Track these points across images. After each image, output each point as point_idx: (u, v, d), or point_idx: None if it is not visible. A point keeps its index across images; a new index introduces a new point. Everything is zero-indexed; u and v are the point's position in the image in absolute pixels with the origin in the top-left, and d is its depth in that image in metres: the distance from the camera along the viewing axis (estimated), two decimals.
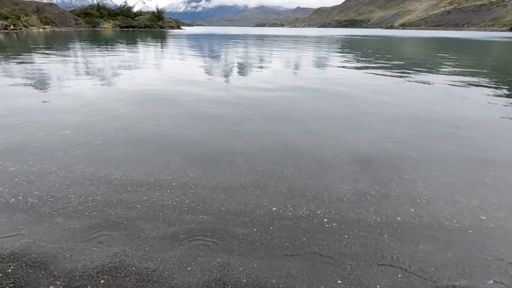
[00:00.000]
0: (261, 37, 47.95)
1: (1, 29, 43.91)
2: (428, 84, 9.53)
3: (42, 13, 58.03)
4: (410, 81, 10.02)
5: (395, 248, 2.43)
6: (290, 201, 3.05)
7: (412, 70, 12.70)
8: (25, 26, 49.13)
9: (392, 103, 6.97)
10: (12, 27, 45.85)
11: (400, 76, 10.88)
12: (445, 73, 11.97)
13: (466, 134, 5.01)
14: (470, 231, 2.64)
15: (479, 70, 13.17)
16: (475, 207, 2.99)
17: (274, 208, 2.92)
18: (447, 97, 7.79)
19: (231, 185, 3.31)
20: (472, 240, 2.53)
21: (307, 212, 2.86)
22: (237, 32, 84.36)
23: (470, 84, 9.64)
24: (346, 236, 2.55)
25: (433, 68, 13.57)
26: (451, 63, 15.30)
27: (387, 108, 6.58)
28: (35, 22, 52.32)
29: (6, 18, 46.18)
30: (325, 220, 2.76)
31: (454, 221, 2.77)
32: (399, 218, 2.79)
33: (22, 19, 49.38)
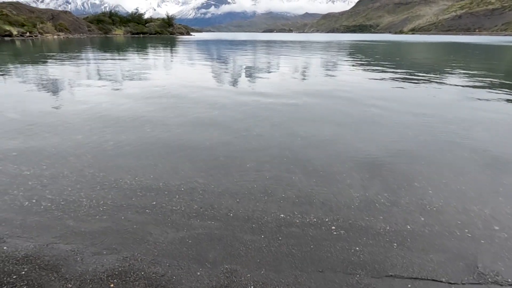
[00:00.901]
0: (269, 43, 48.26)
1: (18, 36, 45.42)
2: (439, 89, 9.40)
3: (56, 20, 59.83)
4: (420, 86, 9.91)
5: (405, 257, 2.39)
6: (297, 207, 3.04)
7: (422, 75, 12.56)
8: (40, 33, 50.69)
9: (401, 109, 6.90)
10: (28, 34, 47.37)
11: (410, 82, 10.78)
12: (456, 78, 11.80)
13: (478, 141, 4.91)
14: (482, 241, 2.58)
15: (492, 75, 12.93)
16: (488, 216, 2.93)
17: (282, 215, 2.91)
18: (459, 103, 7.67)
19: (239, 191, 3.33)
20: (485, 251, 2.47)
21: (315, 219, 2.85)
22: (245, 37, 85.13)
23: (482, 89, 9.48)
24: (355, 244, 2.52)
25: (444, 73, 13.40)
26: (462, 68, 15.08)
27: (396, 114, 6.52)
28: (50, 29, 53.94)
29: (23, 25, 47.77)
30: (333, 227, 2.74)
31: (466, 230, 2.71)
32: (408, 227, 2.75)
33: (37, 26, 50.98)
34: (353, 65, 16.49)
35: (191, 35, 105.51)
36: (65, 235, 2.57)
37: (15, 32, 45.28)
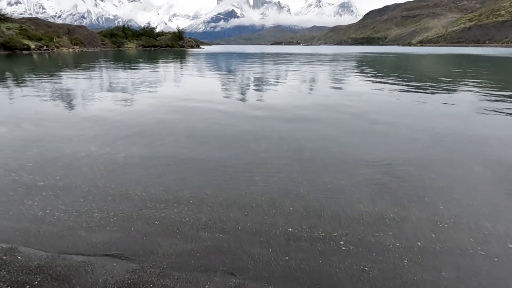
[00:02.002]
0: (277, 55, 48.92)
1: (35, 50, 47.29)
2: (449, 102, 9.33)
3: (72, 34, 62.20)
4: (429, 99, 9.85)
5: (416, 274, 2.35)
6: (306, 221, 3.04)
7: (432, 88, 12.49)
8: (57, 47, 52.70)
9: (411, 122, 6.86)
10: (44, 47, 49.29)
11: (419, 94, 10.72)
12: (467, 91, 11.69)
13: (490, 155, 4.83)
14: (496, 260, 2.51)
15: (503, 88, 12.77)
16: (502, 233, 2.86)
17: (290, 229, 2.91)
18: (470, 116, 7.59)
19: (247, 204, 3.34)
20: (499, 269, 2.41)
21: (323, 234, 2.84)
22: (254, 50, 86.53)
23: (494, 102, 9.35)
24: (364, 260, 2.49)
25: (454, 85, 13.30)
26: (473, 80, 14.93)
27: (405, 126, 6.48)
28: (66, 43, 56.05)
29: (40, 39, 49.81)
30: (342, 242, 2.72)
31: (479, 248, 2.65)
32: (419, 243, 2.70)
33: (54, 40, 53.06)
34: (361, 78, 16.53)
35: (200, 48, 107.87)
36: (77, 245, 2.62)
37: (32, 46, 47.19)
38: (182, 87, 12.60)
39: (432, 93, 11.08)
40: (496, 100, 9.64)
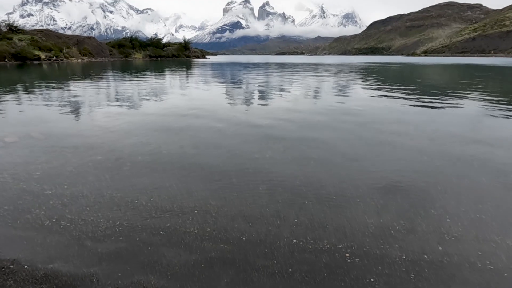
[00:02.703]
0: (281, 65, 49.38)
1: (45, 60, 48.45)
2: (455, 113, 9.29)
3: (81, 45, 63.68)
4: (435, 109, 9.82)
5: None
6: (311, 233, 3.02)
7: (437, 98, 12.46)
8: (66, 57, 53.92)
9: (416, 132, 6.84)
10: (54, 58, 50.46)
11: (425, 104, 10.70)
12: (473, 101, 11.63)
13: (498, 166, 4.77)
14: (505, 274, 2.46)
15: (510, 97, 12.67)
16: (511, 247, 2.80)
17: (295, 240, 2.89)
18: (477, 126, 7.53)
19: (251, 214, 3.34)
20: (509, 285, 2.35)
21: (328, 246, 2.81)
22: (258, 60, 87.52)
23: (501, 112, 9.28)
24: (370, 273, 2.46)
25: (460, 95, 13.25)
26: (479, 90, 14.86)
27: (411, 137, 6.45)
28: (75, 53, 57.35)
29: (50, 50, 51.06)
30: (347, 254, 2.69)
31: (487, 262, 2.60)
32: (426, 256, 2.67)
33: (63, 51, 54.34)
34: (365, 88, 16.57)
35: (206, 58, 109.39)
36: (83, 255, 2.63)
37: (43, 56, 48.37)
38: (187, 97, 12.75)
39: (437, 103, 11.05)
40: (503, 110, 9.56)
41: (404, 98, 12.17)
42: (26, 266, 2.48)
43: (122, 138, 6.20)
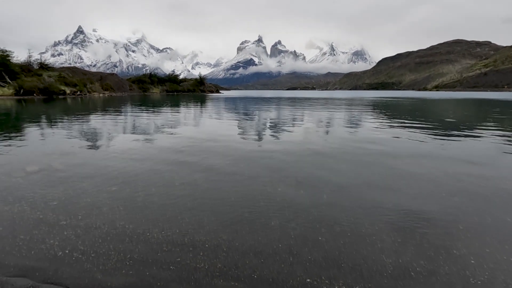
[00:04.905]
0: (293, 99, 50.52)
1: (70, 94, 51.62)
2: (473, 146, 9.08)
3: (104, 81, 67.88)
4: (451, 143, 9.65)
5: None
6: (325, 272, 2.89)
7: (454, 131, 12.29)
8: (89, 92, 57.32)
9: (432, 166, 6.68)
10: (78, 92, 53.74)
11: (440, 138, 10.56)
12: (491, 134, 11.39)
13: None
14: None
15: None
16: None
17: (308, 279, 2.77)
18: (495, 161, 7.30)
19: (263, 250, 3.25)
20: None
21: (344, 287, 2.67)
22: (270, 95, 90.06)
23: None
24: None
25: (477, 129, 13.02)
26: (496, 124, 14.60)
27: (427, 171, 6.30)
28: (97, 88, 60.97)
29: (75, 85, 54.57)
30: None
31: None
32: None
33: (87, 86, 57.94)
34: (377, 121, 16.59)
35: (220, 92, 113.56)
36: None
37: (68, 91, 51.61)
38: (200, 129, 13.09)
39: (453, 137, 10.88)
40: None
41: (418, 132, 12.06)
42: None
43: (137, 169, 6.34)
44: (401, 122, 15.91)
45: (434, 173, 6.24)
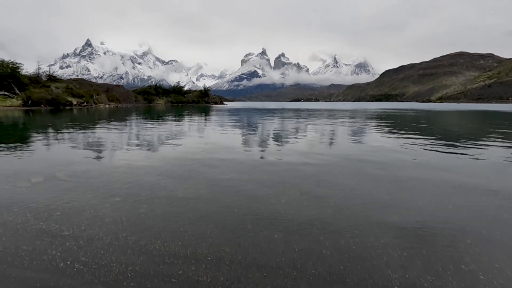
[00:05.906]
0: (296, 111, 50.74)
1: (77, 105, 52.46)
2: (480, 159, 8.97)
3: (110, 92, 68.92)
4: (457, 156, 9.55)
5: None
6: (329, 287, 2.83)
7: (460, 143, 12.19)
8: (95, 103, 58.18)
9: (438, 179, 6.59)
10: (84, 103, 54.60)
11: (446, 151, 10.46)
12: (498, 146, 11.26)
13: None
14: None
15: None
16: None
17: None
18: (504, 173, 7.19)
19: (266, 264, 3.20)
20: None
21: None
22: (274, 106, 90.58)
23: None
24: None
25: (484, 141, 12.90)
26: (504, 136, 14.45)
27: (432, 184, 6.21)
28: (103, 99, 61.90)
29: (82, 96, 55.50)
30: None
31: None
32: None
33: (93, 97, 58.88)
34: (382, 133, 16.54)
35: (224, 104, 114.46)
36: None
37: (74, 102, 52.46)
38: (204, 140, 13.14)
39: (460, 149, 10.78)
40: None
41: (424, 144, 11.98)
42: None
43: (140, 180, 6.35)
44: (407, 134, 15.84)
45: (440, 185, 6.15)
